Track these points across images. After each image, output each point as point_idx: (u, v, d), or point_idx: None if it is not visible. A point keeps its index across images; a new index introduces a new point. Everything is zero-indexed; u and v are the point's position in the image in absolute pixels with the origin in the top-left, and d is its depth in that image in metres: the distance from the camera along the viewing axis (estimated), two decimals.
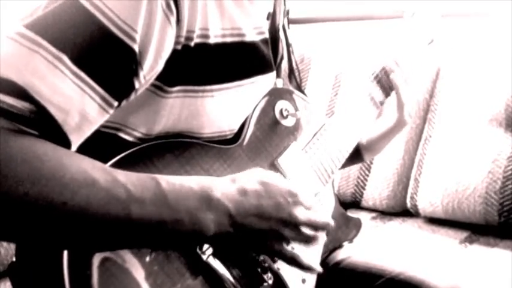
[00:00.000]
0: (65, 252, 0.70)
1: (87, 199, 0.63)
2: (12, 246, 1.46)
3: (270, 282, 0.87)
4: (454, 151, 1.67)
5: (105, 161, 0.73)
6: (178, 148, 0.82)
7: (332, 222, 0.84)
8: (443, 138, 1.71)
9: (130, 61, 0.70)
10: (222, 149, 0.87)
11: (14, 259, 0.80)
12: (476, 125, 1.66)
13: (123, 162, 0.76)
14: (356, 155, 1.20)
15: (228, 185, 0.76)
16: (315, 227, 0.82)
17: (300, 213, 0.80)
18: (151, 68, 0.73)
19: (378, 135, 1.19)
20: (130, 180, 0.67)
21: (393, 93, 1.14)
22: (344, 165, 1.16)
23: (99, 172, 0.66)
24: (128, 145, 0.80)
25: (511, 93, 1.65)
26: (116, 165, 0.75)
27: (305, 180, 0.97)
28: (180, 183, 0.71)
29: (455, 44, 1.77)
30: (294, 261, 0.82)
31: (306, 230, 0.81)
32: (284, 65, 1.06)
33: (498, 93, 1.66)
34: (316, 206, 0.83)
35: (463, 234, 1.62)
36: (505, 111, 1.64)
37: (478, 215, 1.62)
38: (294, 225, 0.79)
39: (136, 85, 0.72)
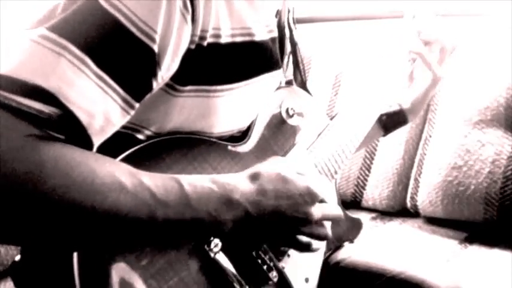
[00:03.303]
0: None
1: (115, 203, 0.64)
2: (13, 246, 1.46)
3: (275, 280, 0.87)
4: (454, 151, 1.67)
5: (115, 157, 0.74)
6: (186, 144, 0.82)
7: (342, 215, 0.88)
8: (443, 138, 1.71)
9: (150, 62, 0.70)
10: (229, 146, 0.87)
11: (16, 258, 0.80)
12: (476, 126, 1.66)
13: (133, 157, 0.76)
14: (400, 120, 1.27)
15: (247, 185, 0.77)
16: (329, 219, 0.85)
17: (316, 211, 0.82)
18: (168, 67, 0.73)
19: (421, 95, 1.25)
20: (155, 182, 0.69)
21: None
22: (389, 132, 1.27)
23: (126, 175, 0.67)
24: (139, 143, 0.80)
25: (511, 94, 1.65)
26: (125, 160, 0.75)
27: None
28: (201, 184, 0.73)
29: (455, 44, 1.77)
30: (307, 249, 0.85)
31: (319, 227, 0.84)
32: (289, 62, 1.06)
33: (498, 93, 1.66)
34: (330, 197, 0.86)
35: (463, 235, 1.62)
36: (505, 112, 1.64)
37: (478, 215, 1.62)
38: (309, 222, 0.81)
39: (154, 85, 0.73)
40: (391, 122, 1.26)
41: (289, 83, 1.05)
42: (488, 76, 1.70)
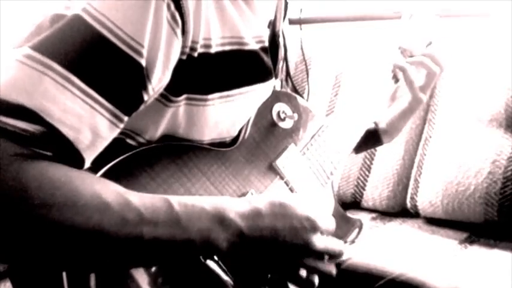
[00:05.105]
0: None
1: (100, 224, 0.64)
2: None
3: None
4: (454, 151, 1.66)
5: (105, 162, 0.74)
6: (175, 151, 0.82)
7: (344, 251, 0.83)
8: (443, 139, 1.71)
9: (138, 75, 0.70)
10: (219, 152, 0.87)
11: None
12: (476, 126, 1.66)
13: (121, 165, 0.76)
14: (375, 140, 1.24)
15: (242, 205, 0.75)
16: (331, 255, 0.81)
17: (317, 241, 0.78)
18: (159, 80, 0.73)
19: (395, 117, 1.23)
20: (143, 202, 0.68)
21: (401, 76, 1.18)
22: (360, 150, 1.22)
23: (112, 195, 0.66)
24: (129, 148, 0.80)
25: (511, 94, 1.65)
26: (113, 169, 0.76)
27: (303, 182, 0.97)
28: (192, 203, 0.71)
29: (455, 45, 1.77)
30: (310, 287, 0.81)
31: (323, 264, 0.80)
32: (282, 67, 1.06)
33: (498, 93, 1.66)
34: (332, 230, 0.82)
35: (463, 235, 1.62)
36: (505, 112, 1.64)
37: (478, 216, 1.61)
38: (311, 252, 0.78)
39: (145, 97, 0.73)
40: (362, 138, 1.21)
41: (281, 87, 1.05)
42: (488, 76, 1.70)
